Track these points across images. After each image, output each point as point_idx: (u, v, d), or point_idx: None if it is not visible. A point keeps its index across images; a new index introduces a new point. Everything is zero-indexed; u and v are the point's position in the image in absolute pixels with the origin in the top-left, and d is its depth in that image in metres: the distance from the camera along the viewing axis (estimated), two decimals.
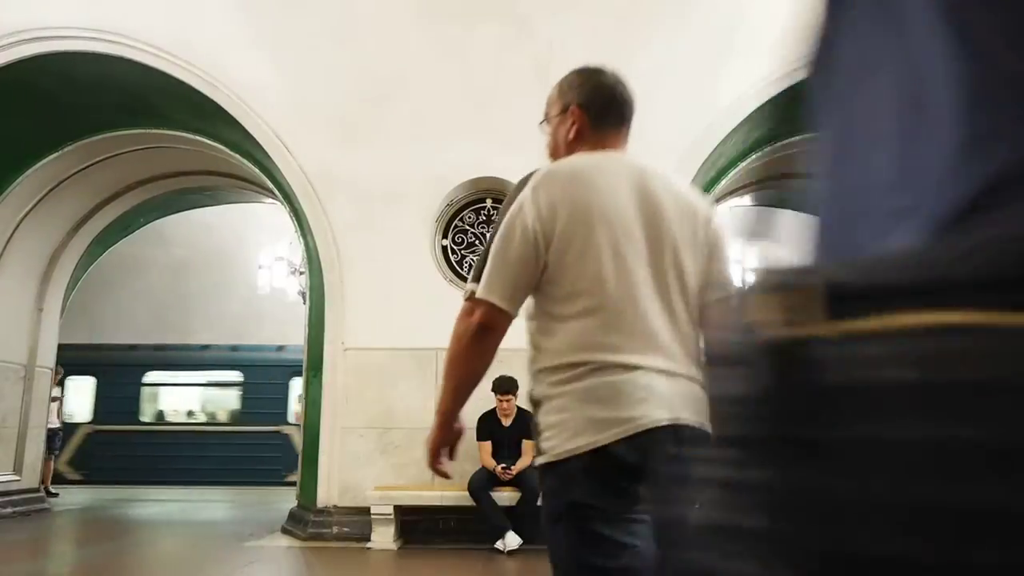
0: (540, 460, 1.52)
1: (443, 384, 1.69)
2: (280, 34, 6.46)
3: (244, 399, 13.16)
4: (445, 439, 1.74)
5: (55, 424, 9.47)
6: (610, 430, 1.40)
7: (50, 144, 7.32)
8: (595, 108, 1.84)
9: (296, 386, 13.04)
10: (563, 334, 1.51)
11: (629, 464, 1.38)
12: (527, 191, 1.55)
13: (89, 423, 12.88)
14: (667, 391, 1.44)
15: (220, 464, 12.29)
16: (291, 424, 12.87)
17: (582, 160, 1.63)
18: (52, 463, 9.84)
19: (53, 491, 9.61)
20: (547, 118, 1.94)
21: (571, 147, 1.76)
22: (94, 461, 12.40)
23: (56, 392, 9.26)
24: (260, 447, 12.66)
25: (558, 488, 1.47)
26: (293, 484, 12.02)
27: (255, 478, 12.08)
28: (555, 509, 1.48)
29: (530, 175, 1.62)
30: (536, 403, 1.58)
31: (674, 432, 1.40)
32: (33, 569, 5.42)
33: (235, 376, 13.20)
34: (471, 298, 1.62)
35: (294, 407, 12.88)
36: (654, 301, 1.49)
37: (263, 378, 13.08)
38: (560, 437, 1.45)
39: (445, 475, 1.69)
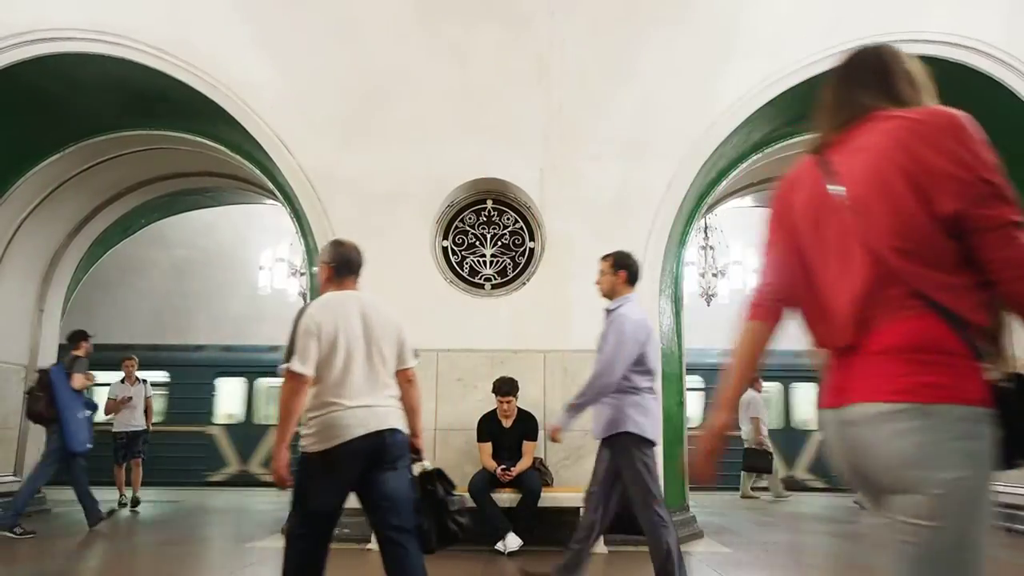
0: (302, 450, 2.90)
1: None
2: (281, 35, 6.47)
3: (170, 399, 13.03)
4: None
5: (139, 426, 8.90)
6: (332, 441, 2.84)
7: (51, 145, 7.33)
8: (337, 265, 3.35)
9: (222, 387, 13.08)
10: (316, 390, 2.92)
11: (338, 456, 2.85)
12: (307, 312, 3.03)
13: None
14: (365, 416, 2.89)
15: (147, 465, 12.11)
16: (216, 424, 12.90)
17: (331, 296, 3.17)
18: (139, 469, 8.95)
19: (133, 504, 8.70)
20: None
21: (324, 287, 3.30)
22: None
23: (129, 391, 8.87)
24: (185, 447, 12.55)
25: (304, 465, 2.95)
26: (216, 485, 12.03)
27: (178, 479, 11.98)
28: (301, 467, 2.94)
29: (307, 306, 3.16)
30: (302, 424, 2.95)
31: (374, 437, 2.87)
32: (30, 570, 5.42)
33: (161, 376, 13.03)
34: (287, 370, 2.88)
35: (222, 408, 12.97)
36: (363, 371, 2.95)
37: (188, 378, 13.00)
38: (309, 440, 2.89)
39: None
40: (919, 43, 6.16)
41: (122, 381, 8.97)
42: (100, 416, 9.58)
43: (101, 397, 9.13)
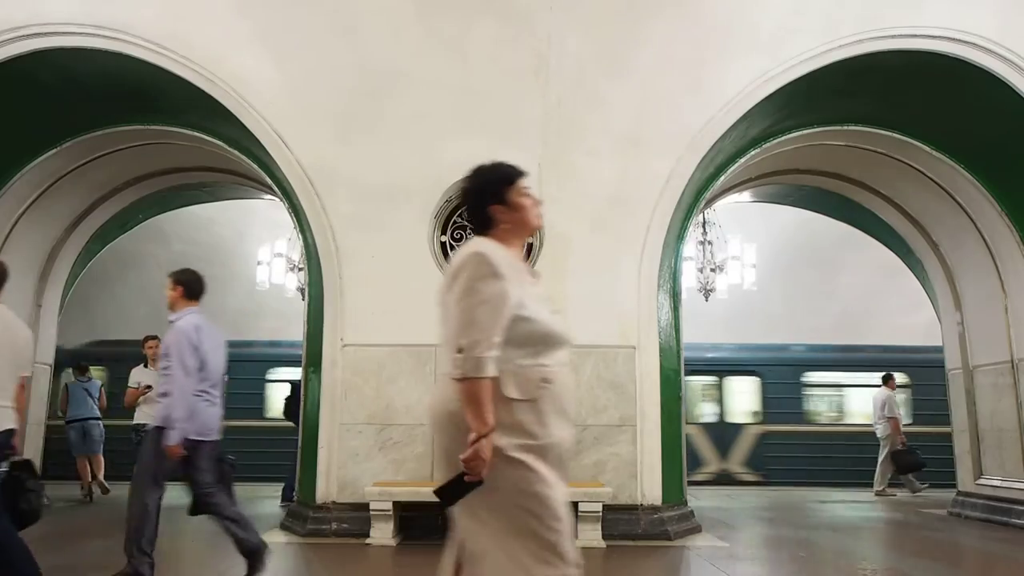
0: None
1: None
2: (278, 30, 6.45)
3: None
4: None
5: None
6: None
7: (48, 140, 7.31)
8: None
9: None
10: None
11: None
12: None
13: None
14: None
15: None
16: None
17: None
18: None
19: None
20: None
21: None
22: None
23: (152, 378, 7.27)
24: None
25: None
26: None
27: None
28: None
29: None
30: None
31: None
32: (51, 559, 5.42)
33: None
34: None
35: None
36: None
37: None
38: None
39: None
40: (916, 38, 6.16)
41: (145, 366, 7.74)
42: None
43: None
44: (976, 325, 7.92)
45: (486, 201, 2.25)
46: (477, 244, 2.13)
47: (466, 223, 6.44)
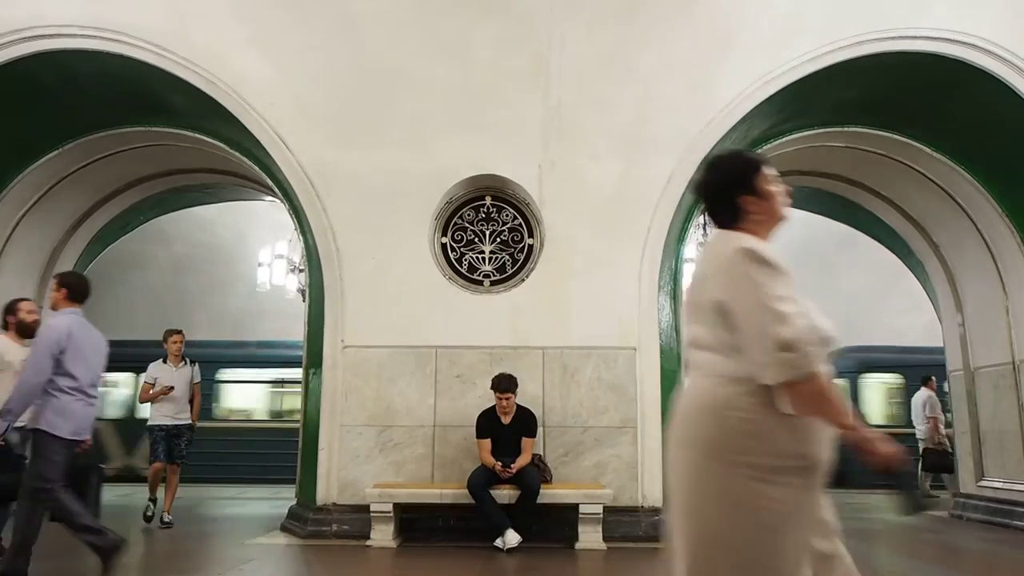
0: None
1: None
2: (279, 31, 6.46)
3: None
4: None
5: (184, 420, 7.06)
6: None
7: (50, 141, 7.31)
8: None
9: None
10: None
11: None
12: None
13: None
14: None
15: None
16: None
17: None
18: (176, 477, 7.09)
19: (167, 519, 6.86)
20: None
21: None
22: None
23: (172, 376, 7.05)
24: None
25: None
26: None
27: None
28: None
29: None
30: None
31: None
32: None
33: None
34: None
35: None
36: None
37: None
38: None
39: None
40: (918, 40, 6.16)
41: (164, 361, 7.16)
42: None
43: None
44: (977, 326, 7.91)
45: (735, 192, 2.02)
46: (739, 239, 1.90)
47: (466, 224, 6.47)
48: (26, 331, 5.24)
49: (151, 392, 6.95)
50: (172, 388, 6.95)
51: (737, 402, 1.78)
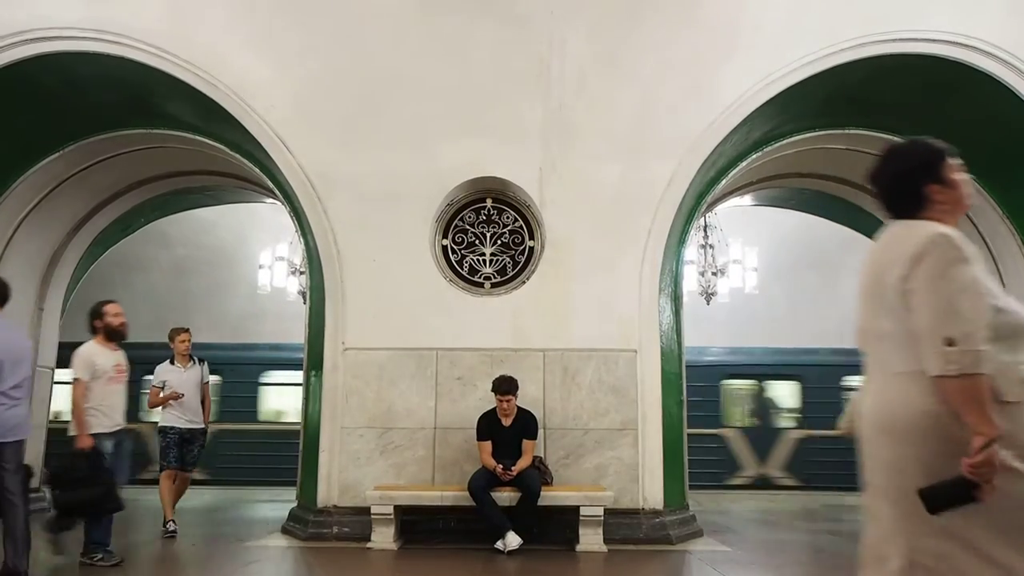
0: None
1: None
2: (280, 34, 6.46)
3: None
4: None
5: (196, 423, 6.63)
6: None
7: (50, 144, 7.32)
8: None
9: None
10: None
11: None
12: None
13: None
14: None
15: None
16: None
17: None
18: (185, 484, 6.80)
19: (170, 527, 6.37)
20: None
21: None
22: None
23: (181, 377, 6.62)
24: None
25: None
26: None
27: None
28: None
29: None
30: None
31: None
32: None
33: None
34: None
35: None
36: None
37: None
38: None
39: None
40: (920, 42, 6.16)
41: (172, 362, 6.73)
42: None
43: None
44: None
45: (919, 180, 1.98)
46: (931, 226, 1.86)
47: (467, 226, 6.46)
48: (114, 335, 5.14)
49: (160, 396, 6.55)
50: (182, 395, 6.52)
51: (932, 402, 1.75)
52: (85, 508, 4.79)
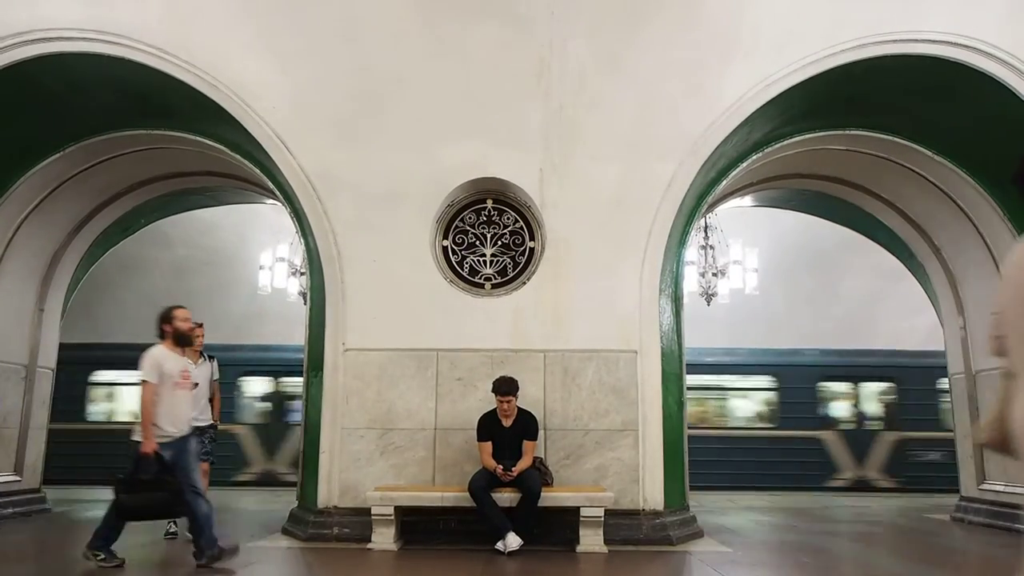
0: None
1: None
2: (281, 35, 6.47)
3: None
4: None
5: (205, 419, 6.47)
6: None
7: (51, 145, 7.32)
8: None
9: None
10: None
11: None
12: None
13: None
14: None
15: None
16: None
17: None
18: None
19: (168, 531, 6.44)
20: None
21: None
22: None
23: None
24: None
25: None
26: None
27: None
28: None
29: None
30: None
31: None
32: (31, 570, 5.43)
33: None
34: None
35: None
36: None
37: None
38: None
39: None
40: (919, 43, 6.16)
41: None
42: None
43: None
44: (978, 329, 7.90)
45: None
46: None
47: (467, 227, 6.46)
48: (183, 339, 5.11)
49: None
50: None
51: None
52: (149, 512, 4.83)
